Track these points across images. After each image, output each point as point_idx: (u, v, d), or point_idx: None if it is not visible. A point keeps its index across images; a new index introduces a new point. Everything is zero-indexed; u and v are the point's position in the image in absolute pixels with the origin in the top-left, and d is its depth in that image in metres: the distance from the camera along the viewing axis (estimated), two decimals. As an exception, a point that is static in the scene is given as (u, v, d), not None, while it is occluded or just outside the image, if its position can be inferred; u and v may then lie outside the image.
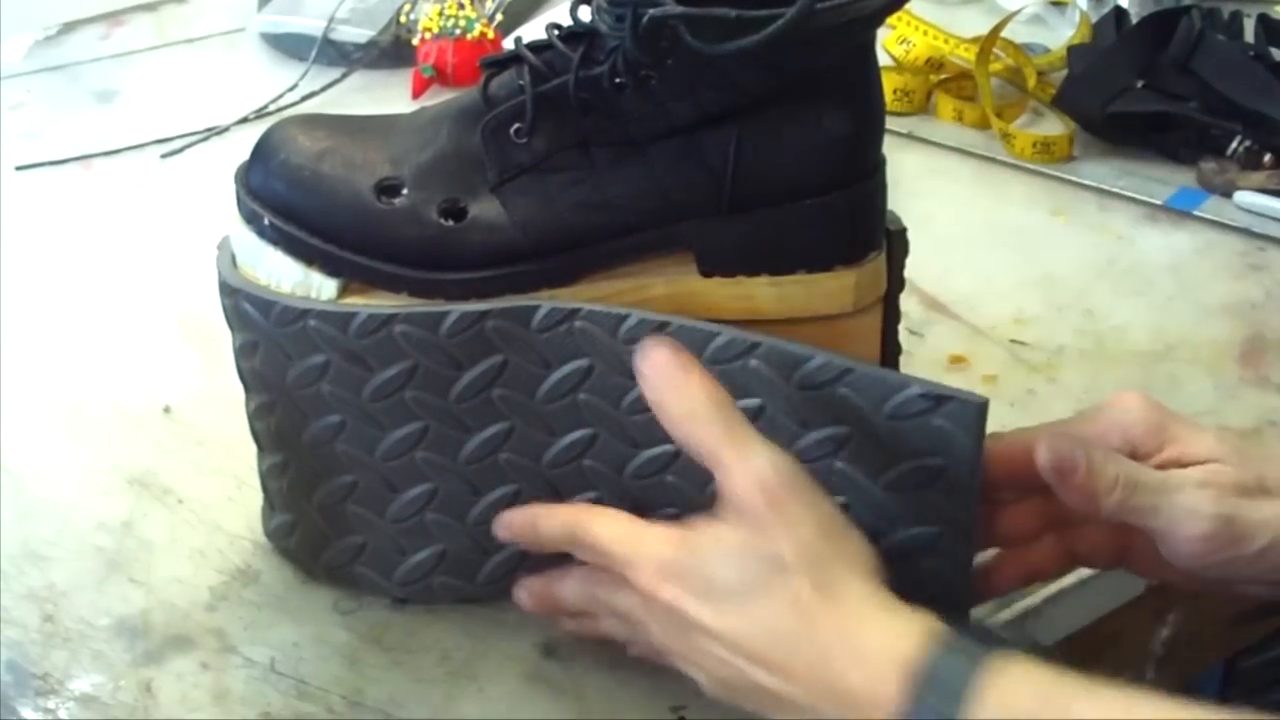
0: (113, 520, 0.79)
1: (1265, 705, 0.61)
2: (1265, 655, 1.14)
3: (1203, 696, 0.65)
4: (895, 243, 0.73)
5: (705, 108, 0.67)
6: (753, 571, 0.62)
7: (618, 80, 0.66)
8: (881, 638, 0.60)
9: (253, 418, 0.73)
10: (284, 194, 0.68)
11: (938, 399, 0.64)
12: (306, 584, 0.75)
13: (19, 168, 1.11)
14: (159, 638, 0.72)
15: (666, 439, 0.66)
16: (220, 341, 0.74)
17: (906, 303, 0.76)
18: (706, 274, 0.69)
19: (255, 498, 0.77)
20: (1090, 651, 0.79)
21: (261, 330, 0.69)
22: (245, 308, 0.69)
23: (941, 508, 0.66)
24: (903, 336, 0.76)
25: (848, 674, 0.60)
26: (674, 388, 0.64)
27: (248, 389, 0.73)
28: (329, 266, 0.68)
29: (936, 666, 0.58)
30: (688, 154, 0.68)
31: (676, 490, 0.69)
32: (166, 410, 0.87)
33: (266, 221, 0.68)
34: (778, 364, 0.66)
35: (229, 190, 0.70)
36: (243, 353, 0.71)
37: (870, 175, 0.71)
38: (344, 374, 0.69)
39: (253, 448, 0.75)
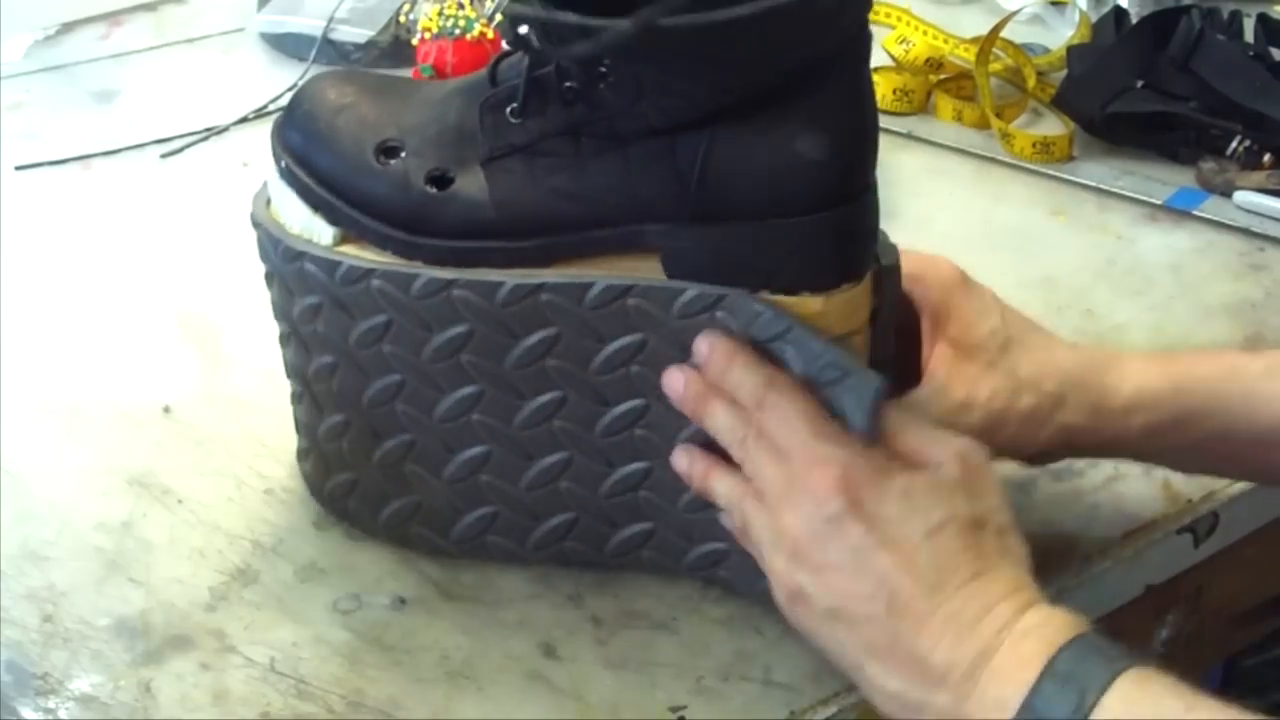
0: (112, 520, 0.79)
1: (1265, 705, 0.61)
2: (1265, 655, 1.15)
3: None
4: (885, 278, 0.70)
5: (670, 112, 0.66)
6: (937, 520, 0.64)
7: (599, 70, 0.66)
8: (1034, 622, 0.62)
9: (313, 380, 0.74)
10: (299, 142, 0.72)
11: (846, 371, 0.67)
12: (306, 584, 0.75)
13: (18, 168, 1.11)
14: (159, 638, 0.72)
15: None
16: (220, 341, 0.74)
17: (906, 302, 0.76)
18: (672, 279, 0.69)
19: (255, 498, 0.77)
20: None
21: (316, 283, 0.71)
22: (307, 267, 0.71)
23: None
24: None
25: (996, 643, 0.62)
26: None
27: (306, 349, 0.74)
28: (329, 215, 0.71)
29: (1071, 662, 0.61)
30: (663, 156, 0.67)
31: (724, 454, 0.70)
32: (166, 410, 0.87)
33: (284, 164, 0.72)
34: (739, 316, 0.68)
35: (228, 190, 0.70)
36: (304, 315, 0.72)
37: (845, 202, 0.67)
38: (405, 335, 0.71)
39: (253, 448, 0.75)
